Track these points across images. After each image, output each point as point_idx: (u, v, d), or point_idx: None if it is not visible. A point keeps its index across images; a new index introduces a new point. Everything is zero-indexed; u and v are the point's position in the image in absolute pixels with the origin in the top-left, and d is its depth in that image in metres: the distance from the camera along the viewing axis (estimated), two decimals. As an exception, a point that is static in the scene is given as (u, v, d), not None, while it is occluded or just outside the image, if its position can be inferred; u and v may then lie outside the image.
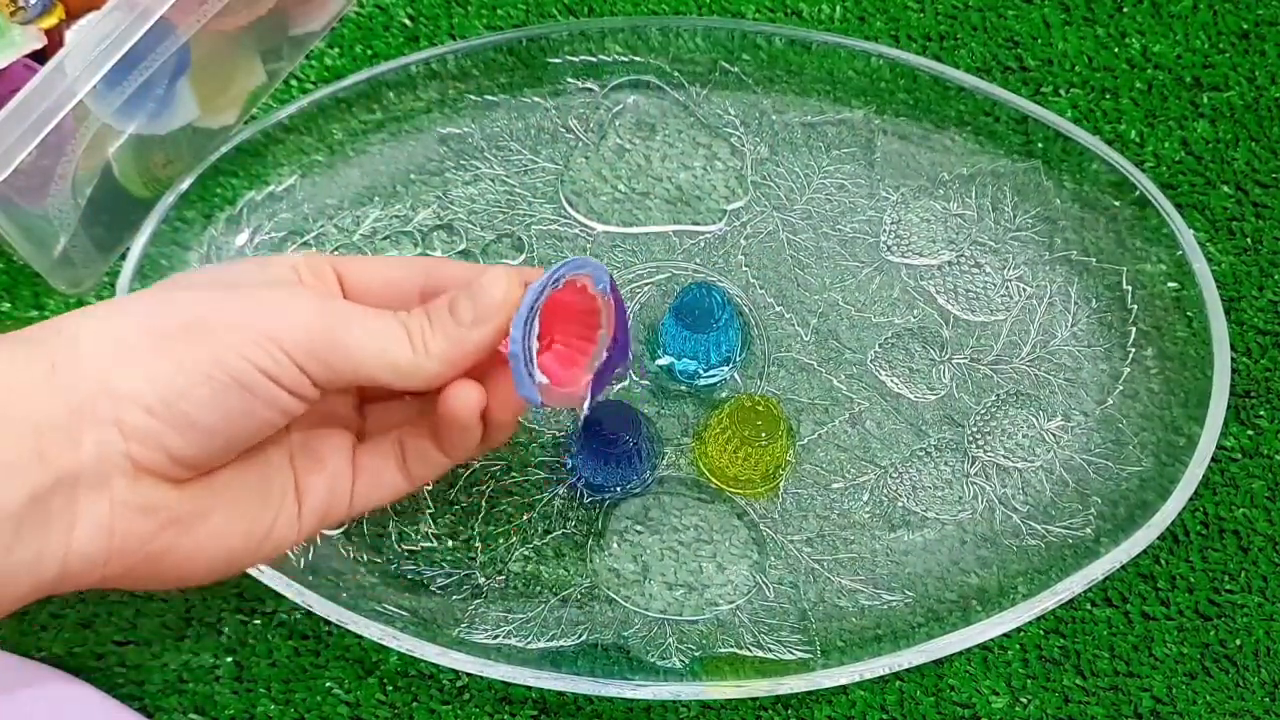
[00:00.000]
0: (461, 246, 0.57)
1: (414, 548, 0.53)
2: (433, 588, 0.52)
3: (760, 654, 0.51)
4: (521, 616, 0.51)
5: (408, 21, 0.63)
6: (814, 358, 0.56)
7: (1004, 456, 0.54)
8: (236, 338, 0.36)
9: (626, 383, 0.55)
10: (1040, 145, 0.58)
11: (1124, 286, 0.56)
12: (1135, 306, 0.56)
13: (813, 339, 0.56)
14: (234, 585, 0.53)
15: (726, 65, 0.59)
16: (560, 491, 0.53)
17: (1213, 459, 0.52)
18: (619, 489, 0.53)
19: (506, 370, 0.40)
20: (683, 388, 0.55)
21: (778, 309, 0.56)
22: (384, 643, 0.49)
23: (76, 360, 0.36)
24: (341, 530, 0.53)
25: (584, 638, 0.51)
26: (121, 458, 0.35)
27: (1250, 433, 0.56)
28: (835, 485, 0.54)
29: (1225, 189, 0.60)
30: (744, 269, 0.57)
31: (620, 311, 0.44)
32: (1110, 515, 0.52)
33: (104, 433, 0.35)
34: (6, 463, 0.34)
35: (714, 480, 0.53)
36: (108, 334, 0.36)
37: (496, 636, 0.51)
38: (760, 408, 0.51)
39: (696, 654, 0.51)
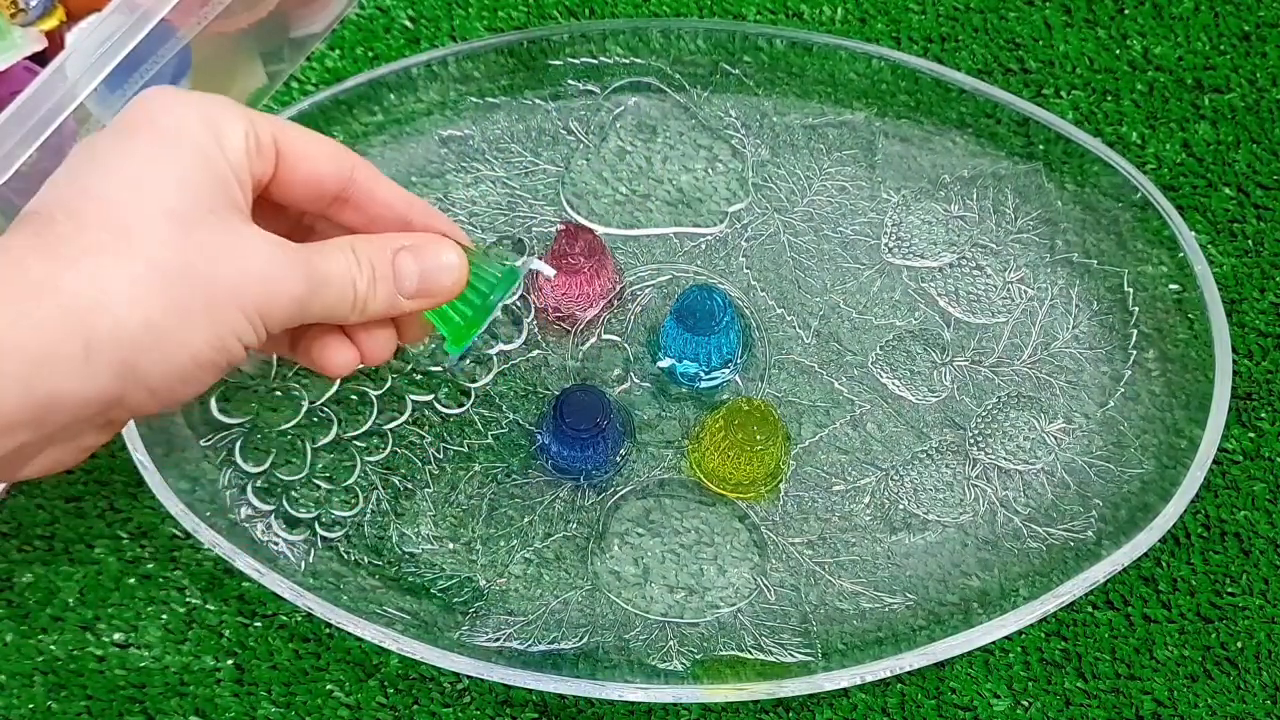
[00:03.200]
0: (462, 248, 0.57)
1: (415, 550, 0.53)
2: (434, 590, 0.52)
3: (761, 656, 0.51)
4: (522, 619, 0.51)
5: (409, 23, 0.63)
6: (815, 360, 0.56)
7: (1005, 459, 0.54)
8: (230, 315, 0.37)
9: (628, 385, 0.55)
10: (1041, 147, 0.58)
11: (1125, 289, 0.56)
12: (1136, 309, 0.56)
13: (814, 341, 0.56)
14: (235, 588, 0.53)
15: (728, 67, 0.59)
16: (561, 494, 0.53)
17: (1214, 461, 0.52)
18: (587, 471, 0.53)
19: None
20: (684, 390, 0.55)
21: (779, 311, 0.56)
22: (385, 645, 0.49)
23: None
24: (342, 532, 0.53)
25: (585, 640, 0.51)
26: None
27: (1251, 435, 0.56)
28: (836, 488, 0.54)
29: (1226, 191, 0.60)
30: (745, 271, 0.57)
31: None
32: (1111, 518, 0.52)
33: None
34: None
35: (709, 483, 0.53)
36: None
37: (497, 639, 0.51)
38: (756, 411, 0.51)
39: (697, 656, 0.51)
